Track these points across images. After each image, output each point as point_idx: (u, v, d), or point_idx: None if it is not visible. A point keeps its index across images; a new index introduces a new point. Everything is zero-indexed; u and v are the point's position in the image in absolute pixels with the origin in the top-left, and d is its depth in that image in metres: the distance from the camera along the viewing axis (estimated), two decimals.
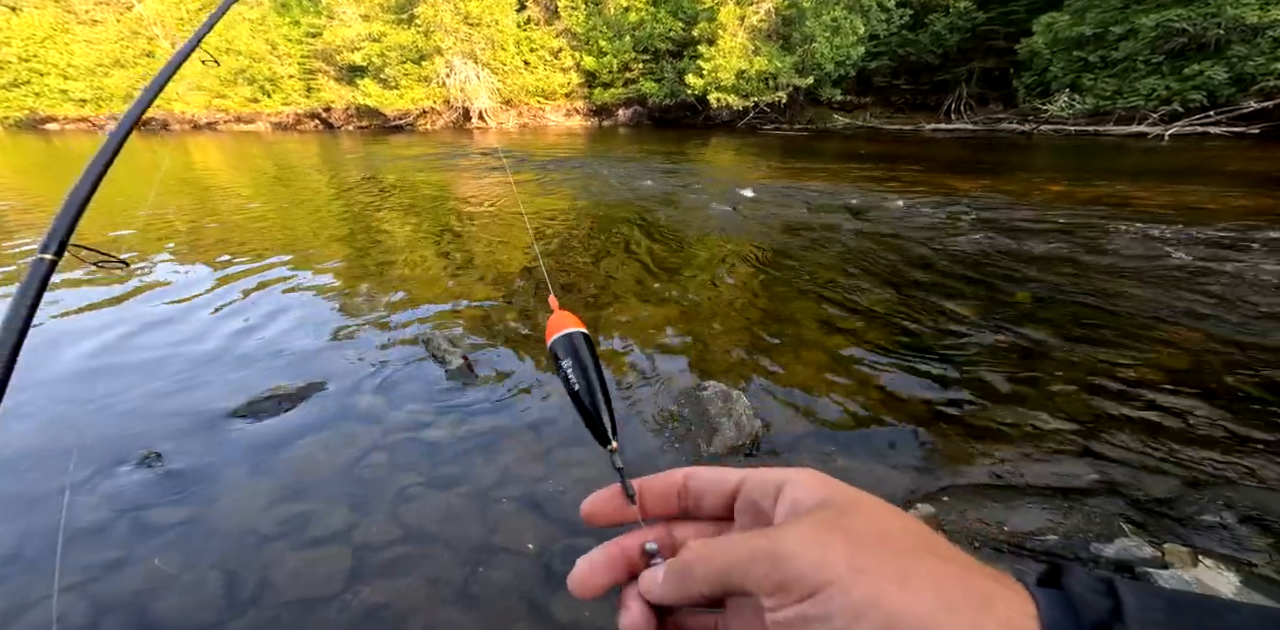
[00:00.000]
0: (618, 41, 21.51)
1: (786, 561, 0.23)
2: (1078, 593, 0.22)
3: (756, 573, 0.24)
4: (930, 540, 0.24)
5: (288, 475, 2.09)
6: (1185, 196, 6.21)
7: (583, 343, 0.43)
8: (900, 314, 3.35)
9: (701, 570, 0.27)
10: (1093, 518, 1.80)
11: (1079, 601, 0.21)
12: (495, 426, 2.36)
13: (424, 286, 4.11)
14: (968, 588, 0.22)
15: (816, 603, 0.22)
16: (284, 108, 29.16)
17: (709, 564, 0.27)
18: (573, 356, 0.42)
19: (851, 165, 9.85)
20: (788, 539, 0.24)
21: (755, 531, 0.26)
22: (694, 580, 0.27)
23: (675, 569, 0.29)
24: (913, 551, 0.23)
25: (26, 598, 1.60)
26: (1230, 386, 2.49)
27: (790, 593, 0.23)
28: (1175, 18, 11.83)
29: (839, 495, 0.26)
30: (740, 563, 0.25)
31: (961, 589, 0.22)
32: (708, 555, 0.27)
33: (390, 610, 1.55)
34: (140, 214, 6.94)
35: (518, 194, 7.94)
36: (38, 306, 0.73)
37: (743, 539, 0.26)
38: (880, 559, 0.23)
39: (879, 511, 0.25)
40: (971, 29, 16.96)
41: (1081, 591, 0.22)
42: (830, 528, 0.24)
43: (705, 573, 0.27)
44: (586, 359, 0.42)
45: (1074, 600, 0.22)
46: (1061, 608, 0.21)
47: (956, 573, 0.23)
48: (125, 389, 2.71)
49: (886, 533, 0.24)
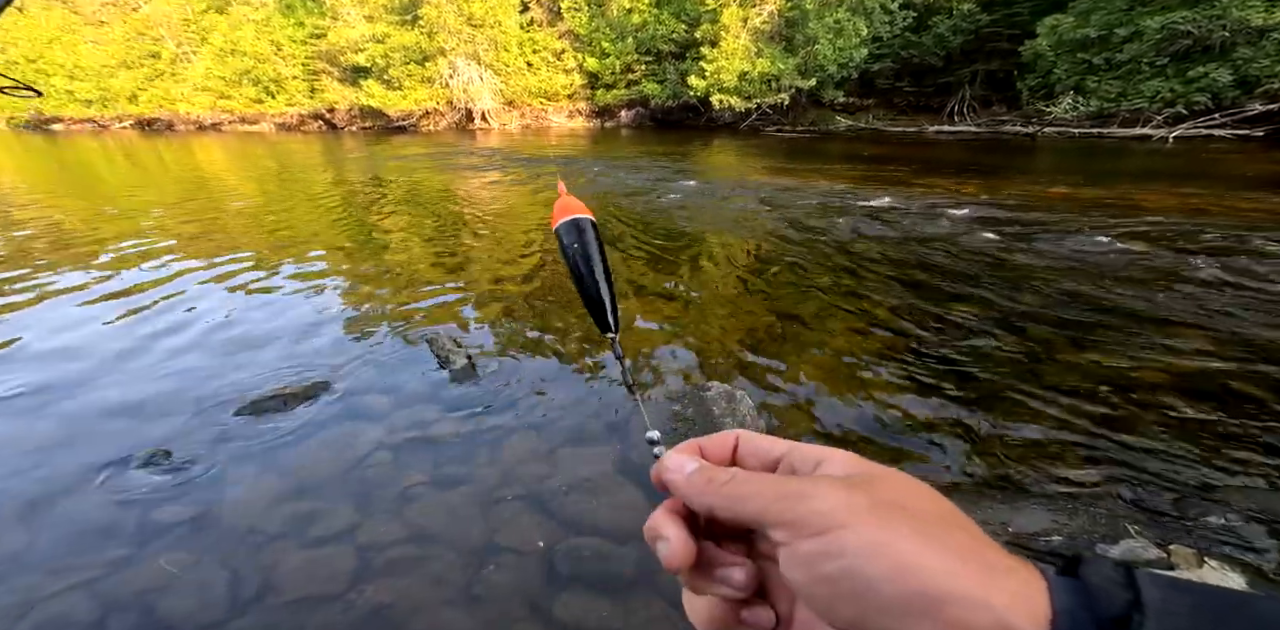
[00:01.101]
0: (620, 43, 21.54)
1: (811, 500, 0.24)
2: (1095, 583, 0.22)
3: (780, 506, 0.25)
4: (955, 516, 0.25)
5: (292, 474, 2.10)
6: (1190, 199, 6.19)
7: (589, 228, 0.42)
8: (904, 316, 3.34)
9: (733, 488, 0.27)
10: (1098, 519, 1.79)
11: (1095, 591, 0.21)
12: (499, 426, 2.36)
13: (428, 286, 4.11)
14: (983, 555, 0.22)
15: (832, 539, 0.23)
16: (288, 108, 29.28)
17: (744, 486, 0.27)
18: (578, 241, 0.42)
19: (854, 167, 9.84)
20: (819, 484, 0.25)
21: (791, 476, 0.27)
22: (720, 494, 0.28)
23: (710, 476, 0.29)
24: (935, 518, 0.24)
25: (31, 596, 1.61)
26: (1235, 389, 2.48)
27: (808, 527, 0.24)
28: (1180, 20, 11.79)
29: (873, 470, 0.27)
30: (770, 492, 0.26)
31: (977, 554, 0.22)
32: (748, 479, 0.28)
33: (394, 610, 1.55)
34: (137, 212, 6.97)
35: (519, 195, 7.95)
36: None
37: (777, 478, 0.27)
38: (901, 517, 0.23)
39: (910, 484, 0.26)
40: (975, 31, 16.93)
41: (1099, 582, 0.22)
42: (858, 487, 0.25)
43: (735, 490, 0.27)
44: (591, 245, 0.42)
45: (1090, 590, 0.21)
46: (1077, 596, 0.21)
47: (973, 543, 0.23)
48: (129, 387, 2.72)
49: (912, 500, 0.25)
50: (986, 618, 0.20)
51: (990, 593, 0.21)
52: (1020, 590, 0.21)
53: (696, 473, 0.30)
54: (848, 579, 0.22)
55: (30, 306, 3.85)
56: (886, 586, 0.21)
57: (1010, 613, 0.20)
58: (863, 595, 0.22)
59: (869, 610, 0.22)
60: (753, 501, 0.26)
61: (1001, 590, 0.21)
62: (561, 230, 0.42)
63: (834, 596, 0.23)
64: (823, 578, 0.23)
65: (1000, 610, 0.20)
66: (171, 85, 30.58)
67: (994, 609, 0.20)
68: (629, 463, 2.12)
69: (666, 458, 0.32)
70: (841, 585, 0.22)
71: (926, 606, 0.21)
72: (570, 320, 3.43)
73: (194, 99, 30.15)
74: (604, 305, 0.40)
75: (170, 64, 30.60)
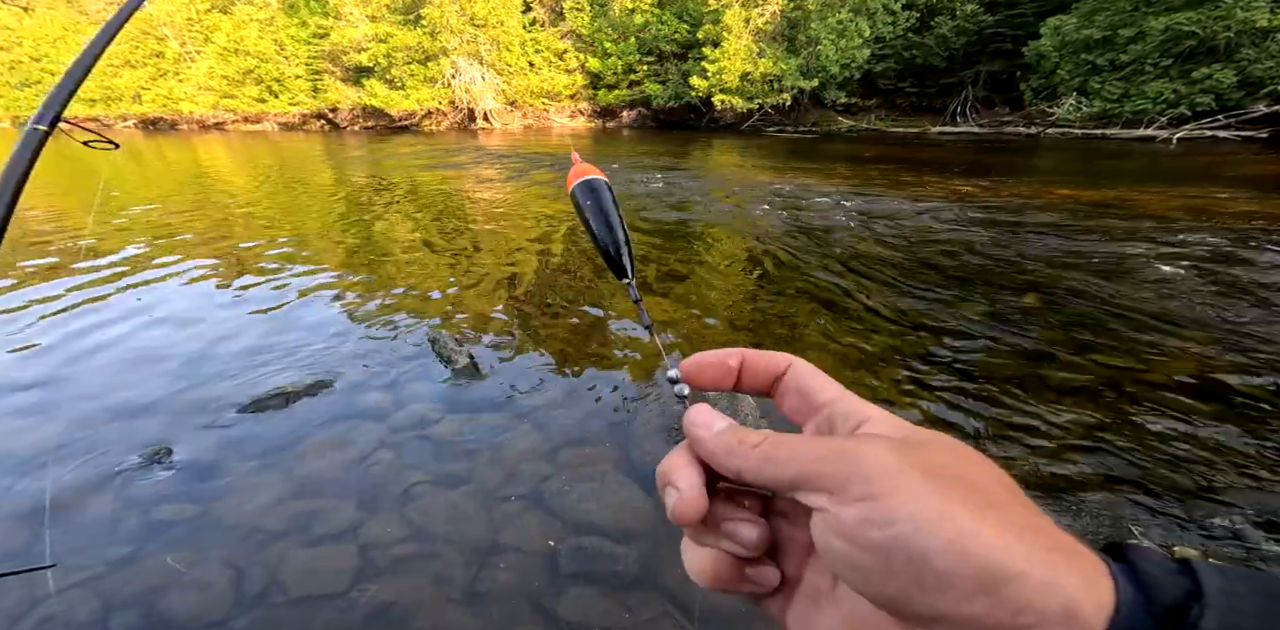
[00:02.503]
0: (623, 43, 21.56)
1: (858, 463, 0.22)
2: (1146, 570, 0.20)
3: (820, 468, 0.23)
4: (1014, 489, 0.23)
5: (294, 472, 2.10)
6: (1193, 200, 6.17)
7: (602, 187, 0.45)
8: (905, 316, 3.34)
9: (767, 450, 0.25)
10: (1101, 519, 1.79)
11: (1148, 578, 0.19)
12: (501, 425, 2.36)
13: (430, 285, 4.12)
14: (1049, 533, 0.20)
15: (880, 506, 0.21)
16: (291, 108, 29.32)
17: (780, 448, 0.24)
18: (593, 198, 0.44)
19: (856, 168, 9.83)
20: (865, 445, 0.23)
21: (836, 437, 0.25)
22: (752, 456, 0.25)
23: (740, 436, 0.26)
24: (995, 490, 0.22)
25: (34, 593, 1.61)
26: (1239, 390, 2.47)
27: (851, 492, 0.21)
28: (1185, 21, 11.77)
29: (923, 434, 0.25)
30: (807, 456, 0.23)
31: (1043, 532, 0.20)
32: (785, 441, 0.25)
33: (396, 608, 1.55)
34: (126, 211, 6.99)
35: (524, 193, 7.96)
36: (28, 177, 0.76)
37: (816, 438, 0.25)
38: (958, 485, 0.21)
39: (965, 452, 0.24)
40: (978, 32, 16.92)
41: (1150, 569, 0.20)
42: (910, 450, 0.22)
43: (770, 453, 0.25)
44: (606, 201, 0.44)
45: (1143, 577, 0.19)
46: (1133, 583, 0.19)
47: (1037, 520, 0.21)
48: (131, 385, 2.72)
49: (968, 469, 0.22)
50: (1055, 600, 0.18)
51: (1059, 573, 0.19)
52: (1089, 574, 0.19)
53: (727, 432, 0.27)
54: (897, 550, 0.20)
55: (30, 305, 3.86)
56: (940, 560, 0.19)
57: (1082, 597, 0.18)
58: (912, 568, 0.20)
59: (918, 585, 0.20)
60: (789, 465, 0.24)
61: (1071, 572, 0.19)
62: (576, 191, 0.45)
63: (878, 569, 0.20)
64: (867, 547, 0.21)
65: (1071, 592, 0.18)
66: (175, 85, 30.64)
67: (1064, 590, 0.18)
68: (630, 462, 2.11)
69: (693, 409, 0.29)
70: (889, 556, 0.20)
71: (985, 584, 0.19)
72: (571, 319, 3.43)
73: (197, 98, 30.21)
74: (620, 253, 0.42)
75: (174, 63, 30.66)
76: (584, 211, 0.44)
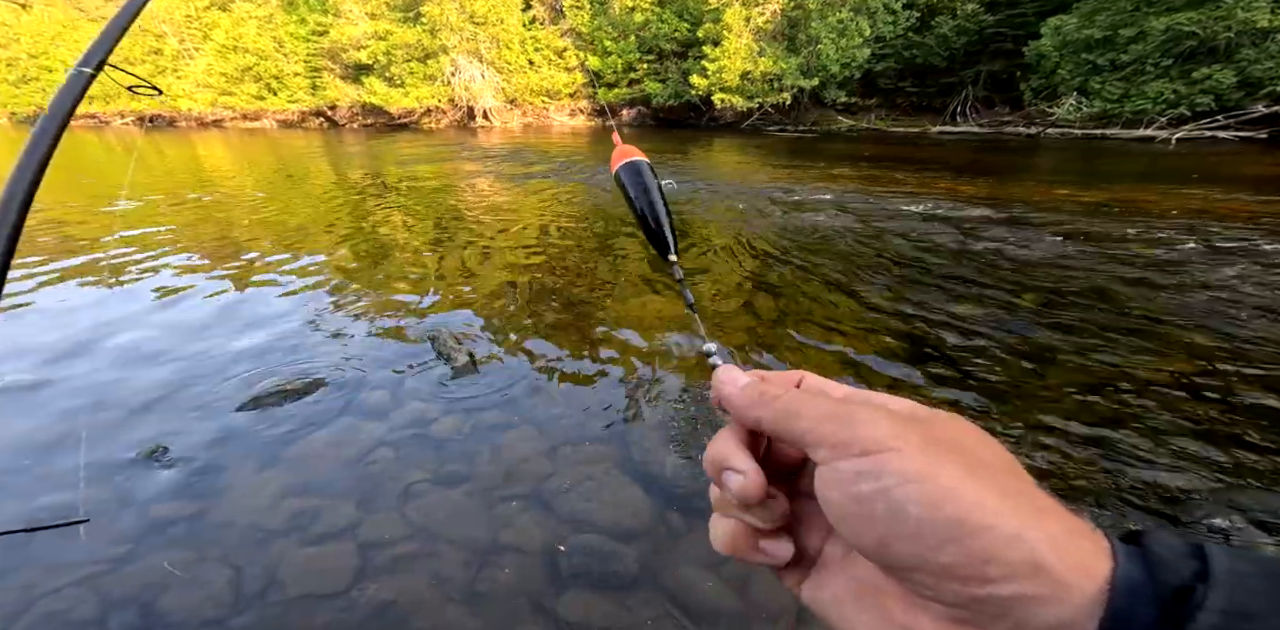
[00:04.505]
0: (623, 42, 21.52)
1: (862, 424, 0.24)
2: (1156, 551, 0.20)
3: (829, 425, 0.25)
4: (1014, 466, 0.24)
5: (294, 471, 2.09)
6: (1192, 201, 6.17)
7: (645, 168, 0.48)
8: (906, 315, 3.33)
9: (785, 403, 0.27)
10: (1100, 520, 1.79)
11: (1155, 559, 0.20)
12: (500, 424, 2.35)
13: (430, 283, 4.11)
14: (1031, 496, 0.21)
15: (873, 460, 0.23)
16: (289, 105, 29.26)
17: (795, 402, 0.27)
18: (635, 179, 0.47)
19: (856, 167, 9.83)
20: (872, 411, 0.25)
21: (845, 402, 0.27)
22: (771, 408, 0.27)
23: (763, 389, 0.29)
24: (990, 461, 0.23)
25: (31, 593, 1.61)
26: (1238, 390, 2.47)
27: (851, 448, 0.23)
28: (1185, 21, 11.76)
29: (936, 414, 0.27)
30: (822, 411, 0.26)
31: (1024, 495, 0.21)
32: (801, 396, 0.27)
33: (396, 607, 1.55)
34: (125, 208, 6.96)
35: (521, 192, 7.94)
36: (72, 116, 0.77)
37: (831, 399, 0.27)
38: (952, 454, 0.23)
39: (970, 430, 0.25)
40: (979, 31, 16.89)
41: (1160, 551, 0.20)
42: (913, 421, 0.25)
43: (787, 406, 0.27)
44: (650, 182, 0.47)
45: (1150, 558, 0.20)
46: (1139, 563, 0.20)
47: (1023, 486, 0.22)
48: (128, 382, 2.71)
49: (970, 443, 0.24)
50: (1017, 552, 0.19)
51: (1027, 529, 0.20)
52: (1068, 534, 0.20)
53: (751, 386, 0.30)
54: (880, 500, 0.22)
55: (31, 303, 3.85)
56: (916, 510, 0.21)
57: (1050, 554, 0.19)
58: (890, 517, 0.22)
59: (895, 533, 0.21)
60: (802, 419, 0.26)
61: (1041, 529, 0.20)
62: (621, 172, 0.48)
63: (862, 517, 0.23)
64: (854, 497, 0.23)
65: (1037, 548, 0.19)
66: (174, 81, 30.55)
67: (1028, 545, 0.19)
68: (631, 461, 2.11)
69: (722, 369, 0.32)
70: (872, 506, 0.22)
71: (954, 533, 0.20)
72: (572, 318, 3.42)
73: (196, 95, 30.12)
74: (665, 233, 0.45)
75: (172, 60, 30.56)
76: (629, 192, 0.47)
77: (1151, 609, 0.18)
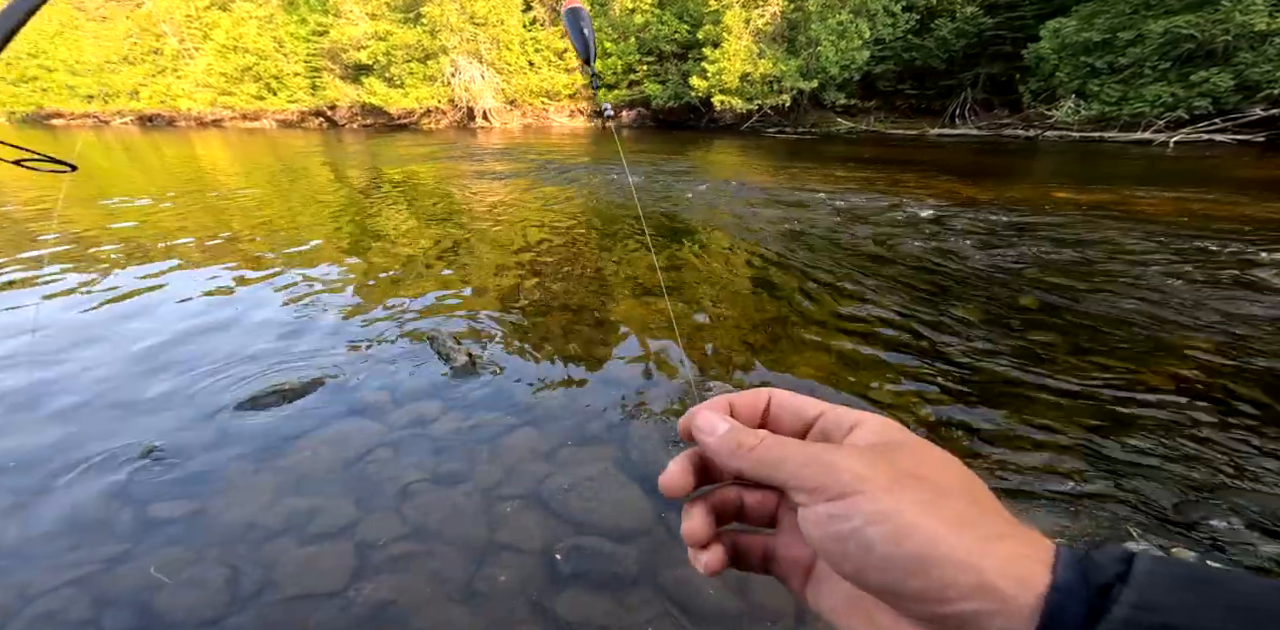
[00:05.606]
0: (623, 43, 21.56)
1: (833, 468, 0.27)
2: (1094, 557, 0.23)
3: (805, 472, 0.28)
4: (970, 487, 0.27)
5: (291, 470, 2.09)
6: (1190, 204, 6.19)
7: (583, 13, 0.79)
8: (905, 317, 3.34)
9: (761, 454, 0.30)
10: (1100, 522, 1.79)
11: (1089, 563, 0.23)
12: (499, 424, 2.35)
13: (429, 283, 4.10)
14: (981, 523, 0.24)
15: (845, 503, 0.26)
16: (289, 105, 29.27)
17: (772, 452, 0.29)
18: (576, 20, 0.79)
19: (855, 169, 9.84)
20: (842, 454, 0.28)
21: (819, 444, 0.30)
22: (749, 459, 0.30)
23: (739, 440, 0.31)
24: (947, 489, 0.26)
25: (26, 592, 1.60)
26: (1236, 392, 2.48)
27: (827, 492, 0.26)
28: (1184, 24, 11.81)
29: (900, 437, 0.29)
30: (797, 459, 0.28)
31: (974, 523, 0.24)
32: (776, 445, 0.30)
33: (394, 607, 1.54)
34: (124, 206, 6.95)
35: (520, 192, 7.94)
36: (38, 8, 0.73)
37: (804, 444, 0.30)
38: (915, 487, 0.26)
39: (932, 455, 0.28)
40: (978, 34, 16.95)
41: (1098, 558, 0.23)
42: (881, 457, 0.27)
43: (764, 456, 0.29)
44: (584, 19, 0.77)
45: (1085, 563, 0.23)
46: (1077, 567, 0.23)
47: (976, 512, 0.25)
48: (125, 382, 2.70)
49: (930, 470, 0.27)
50: (969, 579, 0.23)
51: (978, 557, 0.23)
52: (1012, 556, 0.23)
53: (728, 435, 0.31)
54: (851, 538, 0.25)
55: (27, 303, 3.84)
56: (883, 548, 0.24)
57: (996, 575, 0.23)
58: (863, 553, 0.25)
59: (868, 566, 0.25)
60: (781, 467, 0.28)
61: (991, 555, 0.23)
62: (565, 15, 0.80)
63: (839, 553, 0.26)
64: (831, 536, 0.26)
65: (985, 572, 0.23)
66: (173, 81, 30.54)
67: (978, 571, 0.23)
68: (630, 461, 2.11)
69: (697, 416, 0.33)
70: (846, 544, 0.25)
71: (917, 567, 0.23)
72: (571, 319, 3.42)
73: (195, 95, 30.12)
74: (588, 51, 0.72)
75: (172, 60, 30.57)
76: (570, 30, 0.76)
77: (1082, 607, 0.22)
